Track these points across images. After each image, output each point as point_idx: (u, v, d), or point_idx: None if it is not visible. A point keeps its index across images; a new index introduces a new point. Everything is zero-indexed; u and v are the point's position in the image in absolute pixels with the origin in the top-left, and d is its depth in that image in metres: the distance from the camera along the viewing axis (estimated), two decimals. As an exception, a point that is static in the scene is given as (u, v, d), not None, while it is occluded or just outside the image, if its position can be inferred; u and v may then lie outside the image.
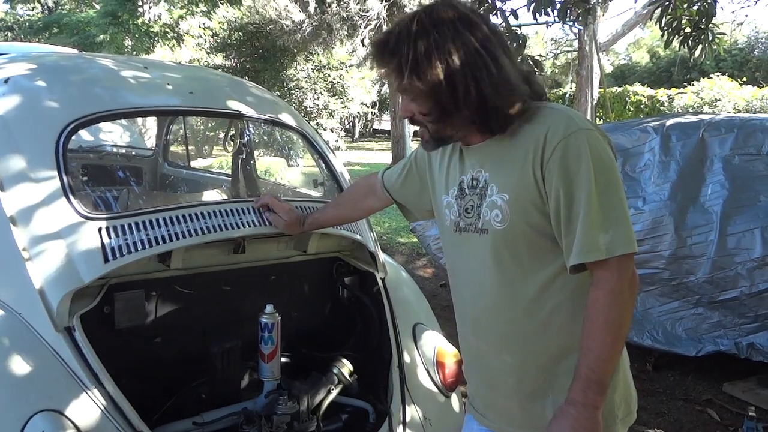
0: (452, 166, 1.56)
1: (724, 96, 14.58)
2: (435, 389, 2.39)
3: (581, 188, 1.30)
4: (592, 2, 5.24)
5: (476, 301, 1.51)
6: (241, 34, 19.28)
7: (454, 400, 2.44)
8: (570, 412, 1.32)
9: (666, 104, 15.64)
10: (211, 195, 3.17)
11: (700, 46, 4.92)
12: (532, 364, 1.46)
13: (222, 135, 3.60)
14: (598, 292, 1.32)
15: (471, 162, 1.50)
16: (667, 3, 4.78)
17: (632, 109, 16.62)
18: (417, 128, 1.51)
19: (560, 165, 1.31)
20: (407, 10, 13.86)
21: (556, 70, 28.75)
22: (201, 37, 20.83)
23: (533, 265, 1.41)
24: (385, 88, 21.72)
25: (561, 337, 1.43)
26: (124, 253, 1.85)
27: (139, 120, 4.43)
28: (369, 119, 29.92)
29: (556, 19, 5.01)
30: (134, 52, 17.57)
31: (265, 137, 3.45)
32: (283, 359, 2.22)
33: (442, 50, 1.32)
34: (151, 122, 4.36)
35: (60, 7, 24.81)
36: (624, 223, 1.32)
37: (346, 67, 19.54)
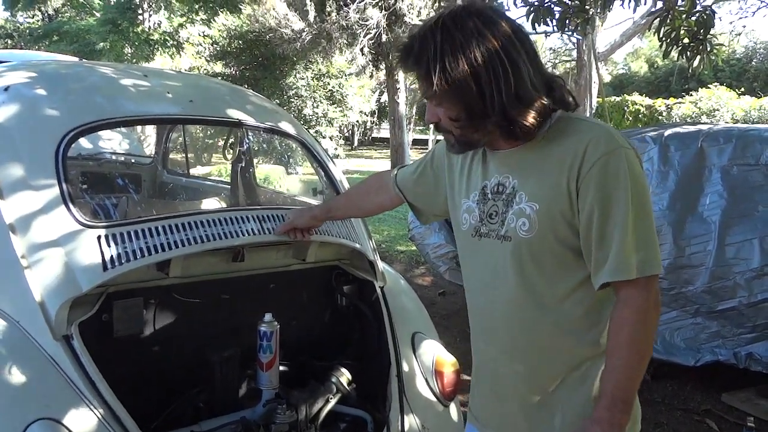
0: (474, 170, 1.54)
1: (722, 106, 14.61)
2: (434, 398, 2.38)
3: (618, 207, 1.30)
4: (590, 12, 5.26)
5: (491, 307, 1.50)
6: (240, 42, 19.33)
7: (453, 410, 2.44)
8: (595, 431, 1.32)
9: (664, 114, 15.67)
10: (210, 203, 3.17)
11: (699, 57, 4.93)
12: (544, 374, 1.45)
13: (221, 143, 3.61)
14: (625, 311, 1.32)
15: (496, 167, 1.48)
16: (665, 13, 4.80)
17: (630, 118, 16.64)
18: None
19: (598, 181, 1.30)
20: (407, 19, 13.94)
21: (555, 80, 28.77)
22: (201, 45, 20.87)
23: (555, 276, 1.40)
24: (384, 97, 21.75)
25: (575, 349, 1.42)
26: (123, 261, 1.85)
27: (139, 128, 4.44)
28: (368, 127, 29.96)
29: (555, 29, 5.04)
30: (134, 60, 17.59)
31: (264, 145, 3.46)
32: (281, 368, 2.21)
33: (469, 54, 1.30)
34: (151, 130, 4.37)
35: (60, 15, 24.84)
36: (654, 244, 1.33)
37: (345, 75, 19.60)
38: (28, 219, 1.90)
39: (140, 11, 18.80)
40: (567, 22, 4.96)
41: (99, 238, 1.87)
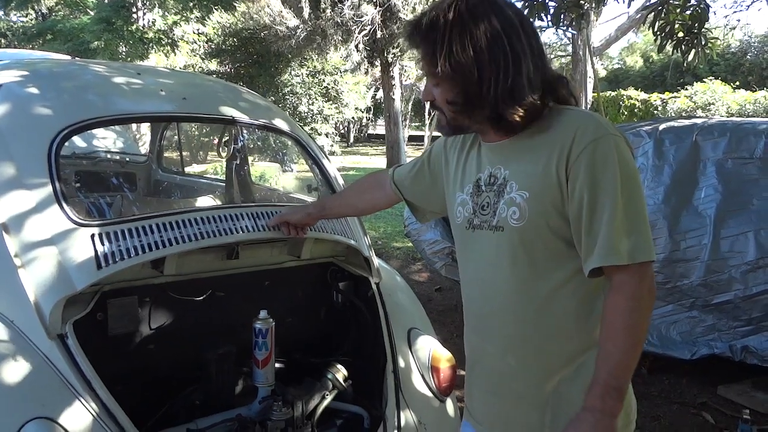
0: (469, 163, 1.55)
1: (717, 100, 14.67)
2: (430, 394, 2.38)
3: (607, 192, 1.29)
4: (585, 7, 5.27)
5: (485, 300, 1.49)
6: (235, 39, 19.27)
7: (449, 405, 2.44)
8: (588, 419, 1.29)
9: (660, 108, 15.72)
10: (204, 201, 3.17)
11: (693, 51, 4.95)
12: (538, 368, 1.44)
13: (216, 141, 3.61)
14: (618, 297, 1.31)
15: (490, 159, 1.48)
16: (660, 8, 4.81)
17: (626, 113, 16.69)
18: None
19: (587, 166, 1.30)
20: (401, 15, 13.92)
21: (550, 75, 28.78)
22: (195, 42, 20.82)
23: (547, 267, 1.39)
24: (380, 93, 21.73)
25: (569, 342, 1.41)
26: (117, 259, 1.84)
27: (133, 126, 4.43)
28: (364, 124, 29.94)
29: (550, 24, 5.05)
30: (128, 59, 17.54)
31: (259, 143, 3.46)
32: (277, 365, 2.21)
33: (476, 42, 1.31)
34: (145, 128, 4.36)
35: (54, 14, 24.73)
36: (645, 230, 1.31)
37: (340, 72, 19.55)
38: (21, 218, 1.89)
39: (134, 9, 18.74)
40: (562, 17, 4.97)
41: (93, 236, 1.86)
